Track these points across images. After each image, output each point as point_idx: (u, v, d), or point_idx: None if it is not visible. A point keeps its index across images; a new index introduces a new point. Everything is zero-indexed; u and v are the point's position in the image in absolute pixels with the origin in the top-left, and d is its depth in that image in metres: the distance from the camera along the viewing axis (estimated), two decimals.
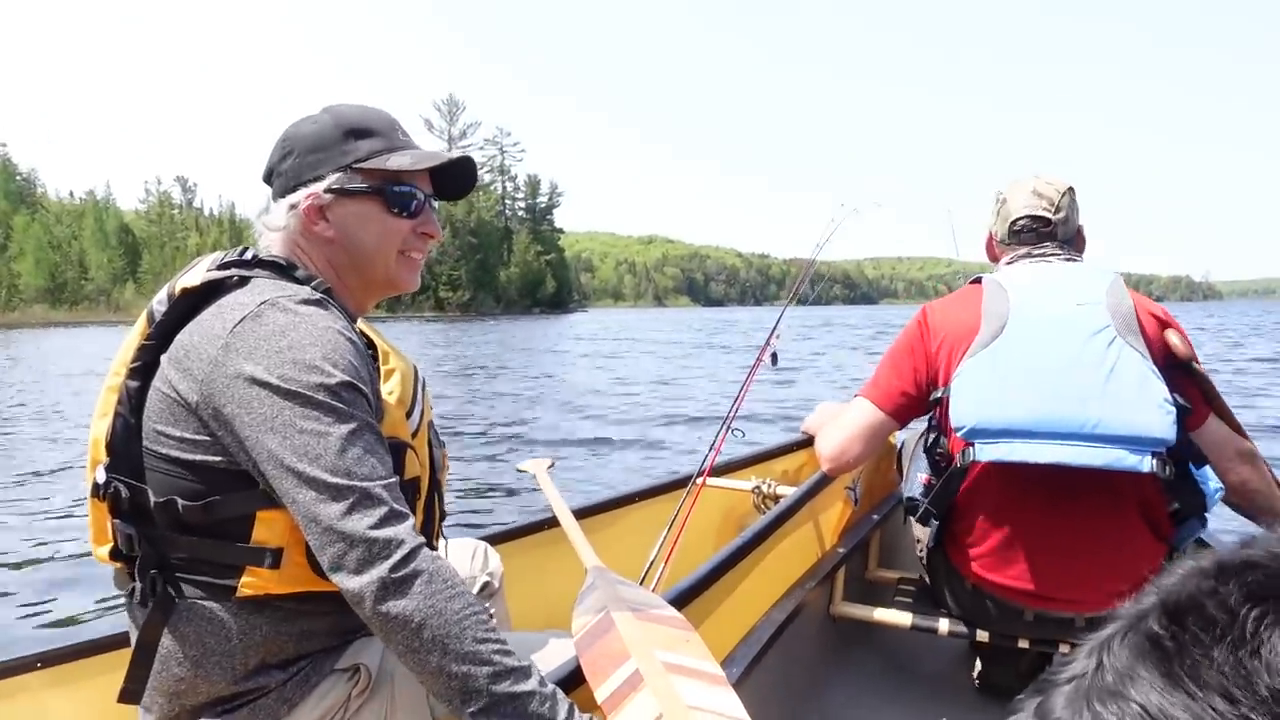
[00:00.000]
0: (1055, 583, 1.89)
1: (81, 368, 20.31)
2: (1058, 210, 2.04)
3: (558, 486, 2.28)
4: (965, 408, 1.81)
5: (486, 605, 1.76)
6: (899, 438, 2.72)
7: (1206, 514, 1.88)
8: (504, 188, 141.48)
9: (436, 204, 1.38)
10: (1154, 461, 1.69)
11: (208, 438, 1.14)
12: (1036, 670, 2.14)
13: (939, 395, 1.96)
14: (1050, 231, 2.04)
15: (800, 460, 3.07)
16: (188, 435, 1.15)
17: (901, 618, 2.21)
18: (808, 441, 2.92)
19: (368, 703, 1.25)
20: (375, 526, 1.07)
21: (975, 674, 2.38)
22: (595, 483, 6.52)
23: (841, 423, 2.15)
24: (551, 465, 2.48)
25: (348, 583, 1.06)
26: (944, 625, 2.14)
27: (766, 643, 1.78)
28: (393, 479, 1.14)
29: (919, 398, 2.04)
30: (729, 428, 2.71)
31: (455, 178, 1.40)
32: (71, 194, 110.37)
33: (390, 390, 1.29)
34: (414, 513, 1.28)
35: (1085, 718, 0.84)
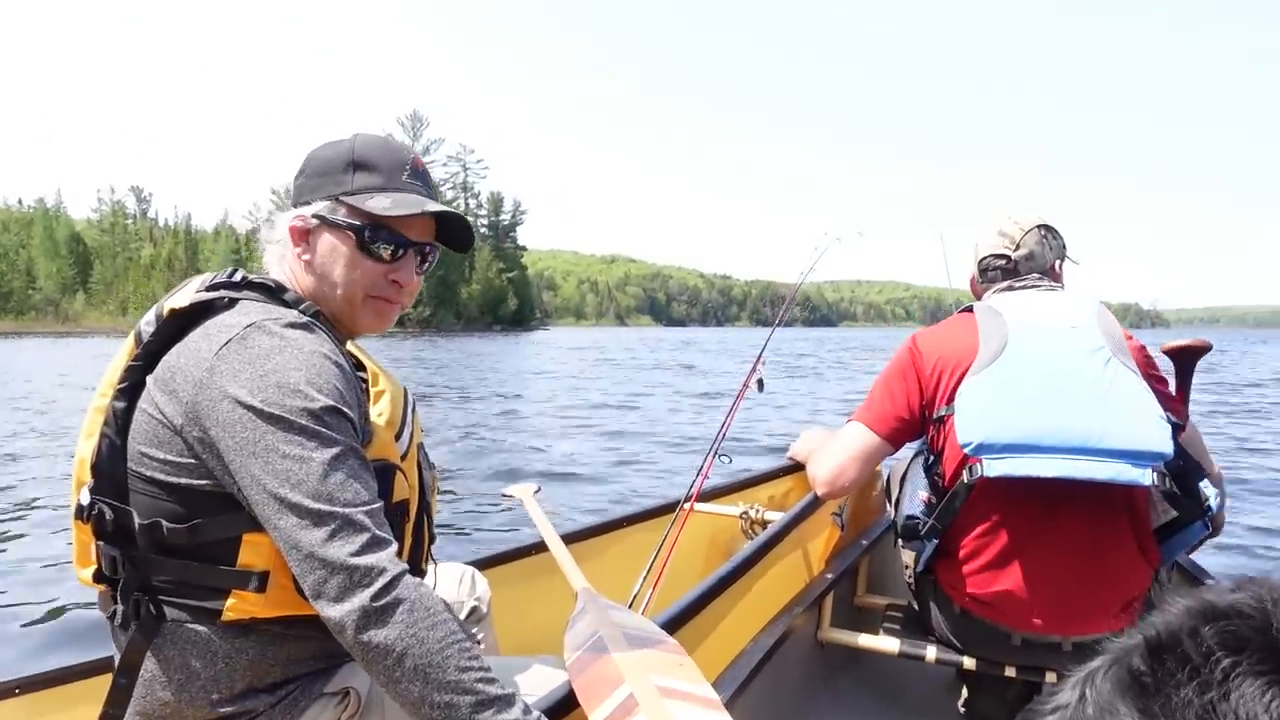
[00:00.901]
0: (1045, 601, 1.90)
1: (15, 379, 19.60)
2: (1018, 248, 2.09)
3: (544, 512, 2.26)
4: (971, 425, 1.82)
5: (474, 632, 1.74)
6: (884, 466, 2.74)
7: (1208, 516, 1.90)
8: (467, 204, 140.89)
9: (436, 253, 1.38)
10: (1154, 475, 1.73)
11: (192, 461, 1.13)
12: (1024, 699, 2.14)
13: (941, 414, 1.98)
14: (1013, 269, 2.10)
15: (787, 486, 3.08)
16: (172, 458, 1.14)
17: (889, 644, 2.20)
18: (794, 467, 2.95)
19: None
20: (357, 554, 1.06)
21: (961, 702, 2.39)
22: (578, 510, 6.47)
23: (837, 447, 2.16)
24: (538, 490, 2.47)
25: (329, 610, 1.06)
26: (931, 652, 2.14)
27: (754, 668, 1.78)
28: (376, 504, 1.13)
29: (912, 421, 2.06)
30: (716, 453, 2.71)
31: (456, 229, 1.39)
32: (20, 201, 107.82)
33: (380, 412, 1.28)
34: (403, 535, 1.29)
35: None
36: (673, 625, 1.62)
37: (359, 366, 1.34)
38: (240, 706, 1.17)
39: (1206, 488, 1.90)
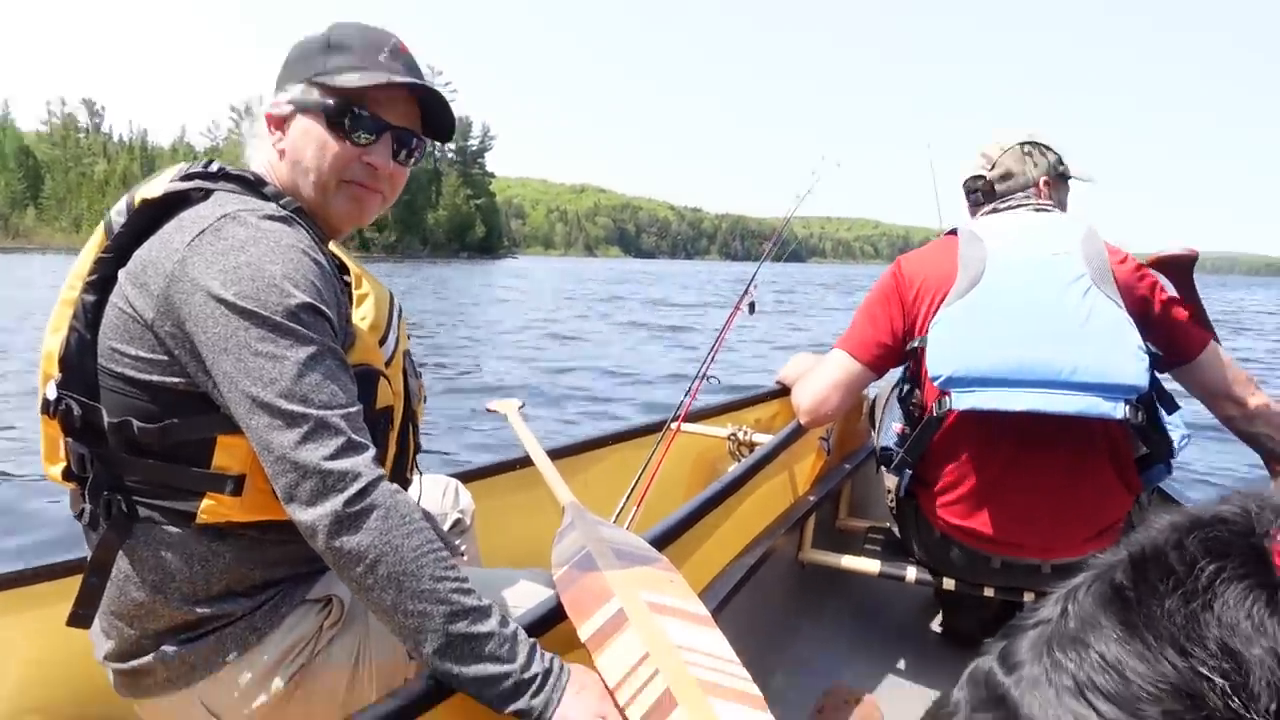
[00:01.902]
0: (1023, 530, 1.91)
1: None
2: (994, 167, 2.06)
3: (529, 428, 2.22)
4: (942, 358, 1.81)
5: (457, 544, 1.72)
6: (871, 391, 2.75)
7: (1172, 459, 1.91)
8: None
9: (422, 145, 1.31)
10: (1126, 408, 1.71)
11: (165, 357, 1.08)
12: (1002, 619, 2.16)
13: (915, 345, 1.96)
14: (990, 190, 2.06)
15: (774, 410, 3.05)
16: (144, 354, 1.09)
17: (869, 565, 2.22)
18: (782, 391, 2.93)
19: (340, 635, 1.22)
20: (331, 457, 1.02)
21: (938, 622, 2.43)
22: (562, 435, 6.48)
23: (819, 374, 2.14)
24: (522, 406, 2.41)
25: (301, 514, 1.02)
26: (911, 573, 2.15)
27: (735, 587, 1.77)
28: (354, 408, 1.08)
29: (895, 348, 2.03)
30: (705, 375, 2.68)
31: (438, 113, 1.32)
32: None
33: (363, 316, 1.22)
34: (386, 443, 1.25)
35: (1045, 664, 0.89)
36: (658, 543, 1.59)
37: (343, 269, 1.28)
38: (217, 609, 1.14)
39: (1175, 425, 1.89)
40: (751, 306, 2.80)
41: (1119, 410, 1.70)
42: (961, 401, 1.80)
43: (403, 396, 1.30)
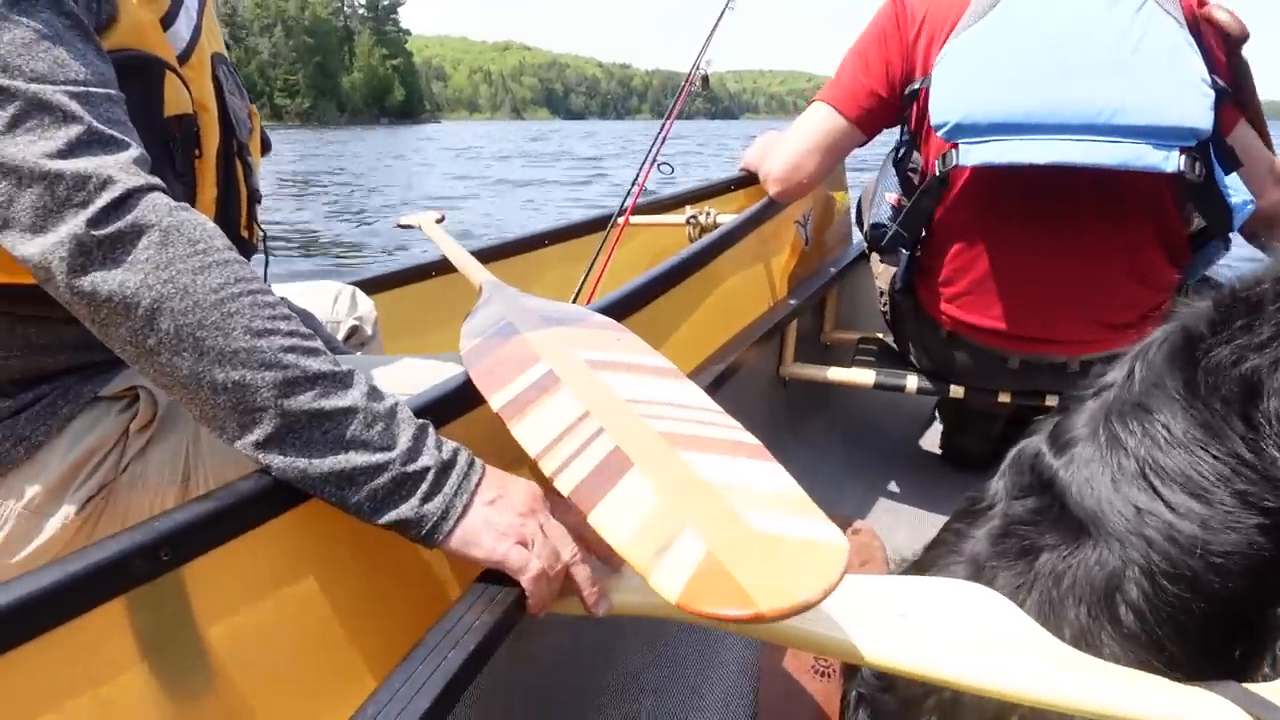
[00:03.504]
0: (1045, 320, 1.64)
1: None
2: None
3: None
4: (948, 99, 1.49)
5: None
6: (852, 192, 2.44)
7: (1231, 233, 1.57)
8: None
9: None
10: (1182, 159, 1.37)
11: None
12: (1012, 439, 1.93)
13: (915, 88, 1.62)
14: None
15: (739, 201, 2.61)
16: None
17: (862, 376, 1.95)
18: (749, 179, 2.51)
19: (157, 441, 0.91)
20: (60, 154, 0.69)
21: (940, 442, 2.22)
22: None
23: (795, 134, 1.79)
24: (441, 219, 1.99)
25: (24, 246, 0.69)
26: (912, 382, 1.89)
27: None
28: (99, 89, 0.74)
29: (890, 101, 1.68)
30: (654, 161, 2.26)
31: None
32: None
33: None
34: (193, 175, 0.94)
35: (1101, 439, 0.81)
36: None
37: None
38: None
39: (1235, 189, 1.52)
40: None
41: (1171, 161, 1.37)
42: (970, 155, 1.48)
43: (215, 113, 0.97)
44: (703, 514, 0.67)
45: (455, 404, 0.90)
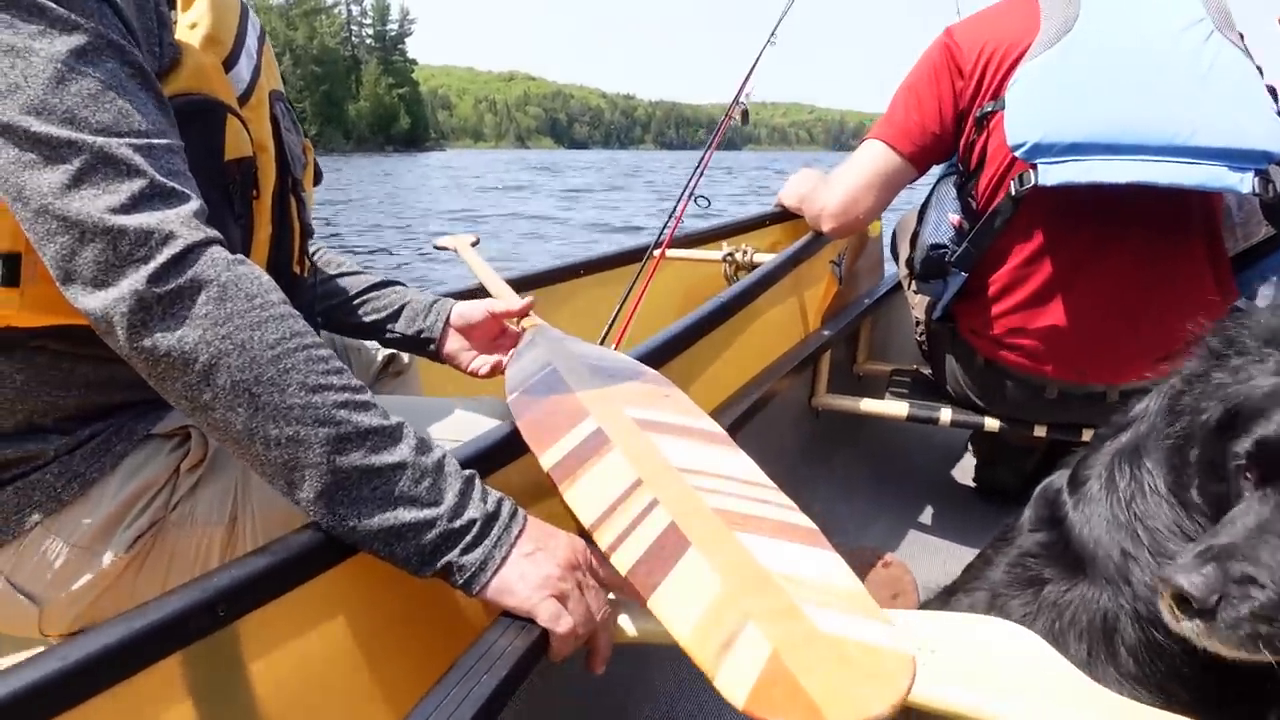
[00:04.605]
0: (1092, 342, 1.63)
1: None
2: None
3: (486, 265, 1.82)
4: (1027, 120, 1.50)
5: (391, 392, 1.35)
6: (885, 221, 2.47)
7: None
8: (349, 12, 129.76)
9: None
10: (1255, 180, 1.42)
11: None
12: (1045, 471, 1.86)
13: (985, 112, 1.64)
14: None
15: (775, 236, 2.67)
16: None
17: (895, 408, 1.93)
18: (784, 215, 2.59)
19: (206, 483, 0.92)
20: (122, 208, 0.69)
21: (973, 476, 2.22)
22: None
23: (849, 171, 1.83)
24: (476, 242, 2.02)
25: (86, 300, 0.69)
26: (946, 414, 1.87)
27: (735, 425, 1.50)
28: (161, 140, 0.74)
29: (943, 136, 1.72)
30: (691, 194, 2.29)
31: None
32: None
33: (192, 22, 0.87)
34: (250, 218, 0.94)
35: (1104, 478, 0.80)
36: (647, 364, 1.29)
37: None
38: (16, 449, 0.83)
39: None
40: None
41: (1246, 183, 1.41)
42: (1050, 175, 1.48)
43: (273, 151, 0.96)
44: (764, 607, 0.65)
45: (501, 453, 0.93)
